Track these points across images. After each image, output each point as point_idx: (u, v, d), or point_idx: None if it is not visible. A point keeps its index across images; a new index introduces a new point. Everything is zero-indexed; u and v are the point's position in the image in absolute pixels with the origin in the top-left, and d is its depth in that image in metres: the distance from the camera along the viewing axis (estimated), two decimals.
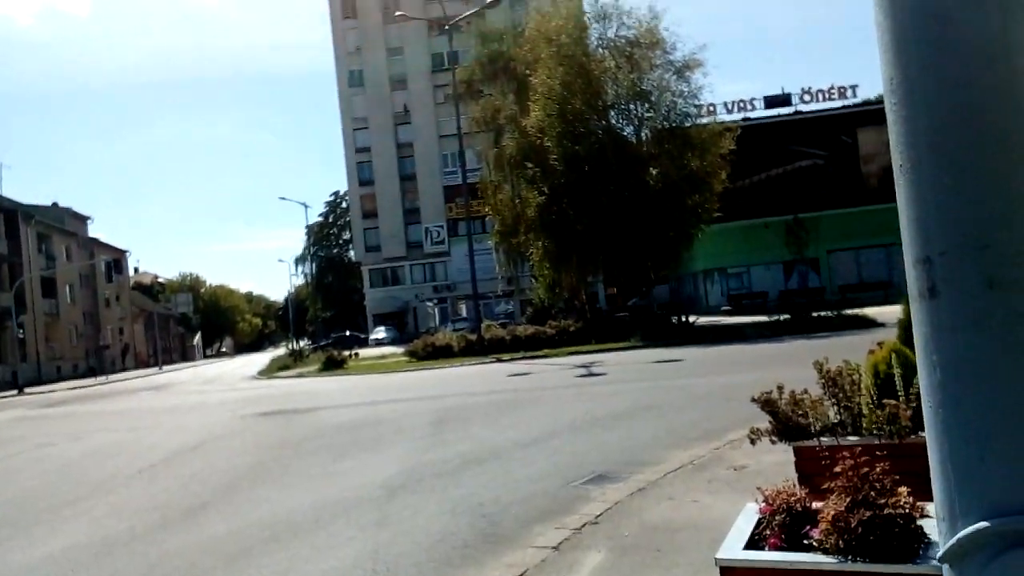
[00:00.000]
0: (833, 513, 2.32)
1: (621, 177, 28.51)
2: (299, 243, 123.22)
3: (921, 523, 2.30)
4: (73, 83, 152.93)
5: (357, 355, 35.78)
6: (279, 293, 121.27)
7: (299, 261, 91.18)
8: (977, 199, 1.12)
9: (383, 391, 18.02)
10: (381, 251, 70.01)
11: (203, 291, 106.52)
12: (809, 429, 3.53)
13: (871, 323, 21.88)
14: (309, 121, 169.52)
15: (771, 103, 44.52)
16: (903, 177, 1.19)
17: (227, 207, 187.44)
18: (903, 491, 2.40)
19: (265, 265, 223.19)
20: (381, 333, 61.29)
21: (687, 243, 30.78)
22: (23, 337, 48.02)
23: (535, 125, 29.96)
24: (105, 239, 72.72)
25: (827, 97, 44.47)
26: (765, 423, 3.76)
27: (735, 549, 2.40)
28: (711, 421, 8.74)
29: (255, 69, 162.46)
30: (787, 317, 25.47)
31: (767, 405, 3.64)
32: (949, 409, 1.18)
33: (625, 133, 31.47)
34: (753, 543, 2.44)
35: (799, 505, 2.51)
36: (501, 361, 24.31)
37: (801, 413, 3.56)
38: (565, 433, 9.12)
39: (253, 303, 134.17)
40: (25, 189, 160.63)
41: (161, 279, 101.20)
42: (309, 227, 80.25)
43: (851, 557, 2.24)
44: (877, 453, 2.57)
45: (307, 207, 75.80)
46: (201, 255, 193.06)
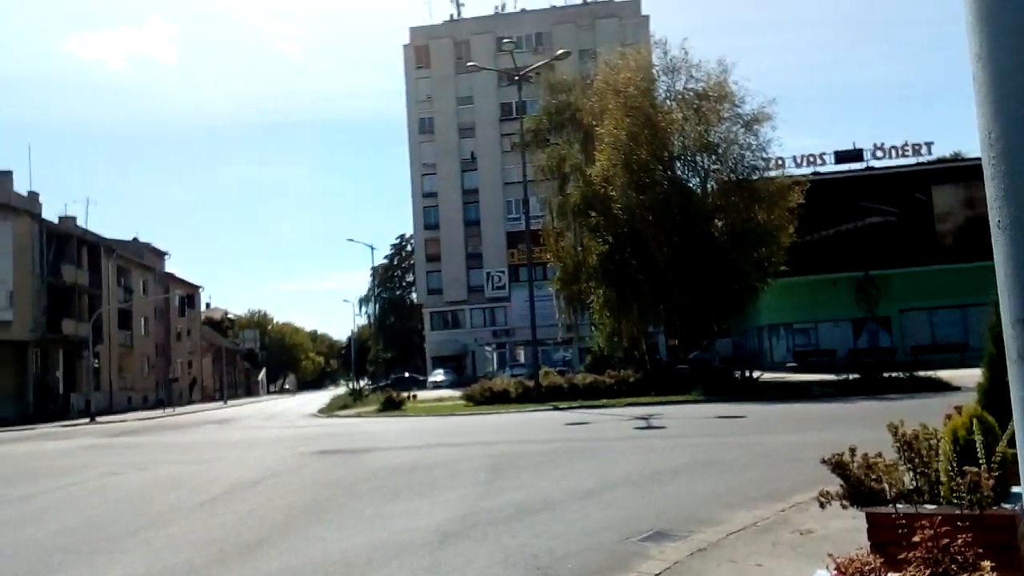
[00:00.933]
0: None
1: (685, 228, 28.33)
2: (364, 284, 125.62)
3: None
4: (158, 125, 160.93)
5: (415, 397, 35.95)
6: (342, 332, 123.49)
7: (363, 302, 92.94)
8: None
9: (439, 434, 18.01)
10: (443, 294, 70.81)
11: (270, 328, 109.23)
12: (883, 495, 3.37)
13: (945, 386, 20.99)
14: (379, 166, 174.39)
15: (842, 158, 43.78)
16: (1002, 235, 1.13)
17: (296, 247, 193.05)
18: (986, 565, 2.26)
19: (330, 305, 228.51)
20: (439, 376, 61.58)
21: (752, 296, 30.22)
22: (98, 367, 49.89)
23: (600, 174, 30.11)
24: (180, 274, 75.56)
25: (900, 153, 43.51)
26: (835, 486, 3.61)
27: None
28: (775, 481, 8.44)
29: (329, 115, 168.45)
30: (856, 376, 24.63)
31: (838, 468, 3.50)
32: None
33: (691, 184, 31.33)
34: None
35: (873, 575, 2.38)
36: (558, 409, 24.08)
37: (875, 477, 3.40)
38: (622, 486, 8.92)
39: (317, 341, 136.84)
40: (108, 224, 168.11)
41: (231, 315, 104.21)
42: (374, 269, 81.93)
43: None
44: (958, 524, 2.42)
45: (373, 249, 77.79)
46: (270, 293, 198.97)
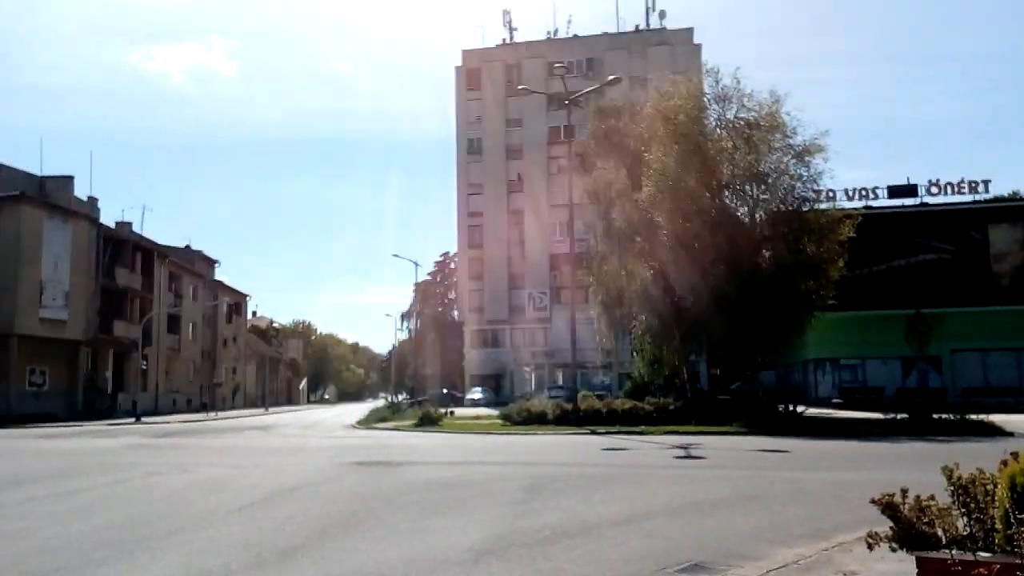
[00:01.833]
0: None
1: (732, 257, 27.98)
2: (406, 300, 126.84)
3: None
4: (214, 138, 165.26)
5: (452, 413, 36.02)
6: (383, 346, 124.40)
7: (405, 317, 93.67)
8: None
9: (476, 452, 18.00)
10: (484, 313, 71.02)
11: (313, 338, 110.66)
12: (935, 539, 3.27)
13: (998, 431, 20.30)
14: (427, 185, 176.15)
15: (895, 192, 43.02)
16: None
17: (342, 261, 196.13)
18: None
19: (372, 318, 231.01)
20: (477, 394, 61.64)
21: (798, 329, 29.64)
22: (146, 369, 51.06)
23: (647, 200, 29.97)
24: (229, 282, 77.17)
25: (956, 190, 42.59)
26: (884, 527, 3.52)
27: None
28: (818, 519, 8.23)
29: (380, 134, 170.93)
30: (904, 416, 23.96)
31: (888, 509, 3.41)
32: None
33: (739, 214, 30.99)
34: None
35: None
36: (596, 434, 23.87)
37: (927, 521, 3.31)
38: (660, 515, 8.79)
39: (358, 354, 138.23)
40: (163, 231, 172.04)
41: (276, 324, 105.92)
42: (417, 285, 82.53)
43: None
44: (1018, 573, 2.34)
45: (417, 265, 78.07)
46: (314, 304, 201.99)
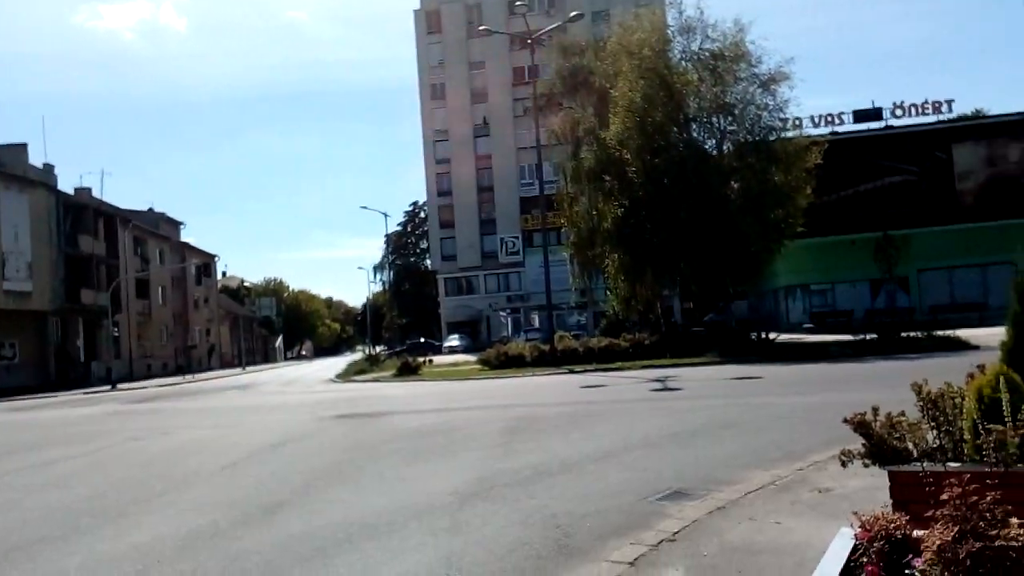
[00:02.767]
0: (939, 543, 2.17)
1: (701, 190, 28.01)
2: (378, 252, 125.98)
3: None
4: (171, 96, 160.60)
5: (431, 362, 36.18)
6: (358, 299, 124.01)
7: (378, 269, 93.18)
8: None
9: (455, 398, 18.14)
10: (457, 260, 70.90)
11: (286, 295, 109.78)
12: (906, 453, 3.34)
13: (965, 345, 20.84)
14: (391, 133, 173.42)
15: (860, 117, 43.06)
16: None
17: (311, 216, 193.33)
18: (1014, 523, 2.22)
19: (345, 272, 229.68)
20: (454, 341, 61.90)
21: (768, 258, 29.98)
22: (117, 335, 50.46)
23: (614, 138, 29.78)
24: (196, 244, 75.91)
25: (920, 112, 42.74)
26: (856, 445, 3.58)
27: (831, 575, 2.27)
28: (793, 442, 8.43)
29: (342, 84, 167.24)
30: (874, 337, 24.52)
31: (860, 427, 3.46)
32: None
33: (707, 147, 30.95)
34: (848, 570, 2.30)
35: (899, 532, 2.36)
36: (574, 373, 24.17)
37: (898, 436, 3.36)
38: (639, 448, 8.95)
39: (332, 308, 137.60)
40: (124, 195, 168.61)
41: (247, 283, 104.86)
42: (388, 236, 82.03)
43: None
44: (987, 482, 2.39)
45: (387, 216, 77.50)
46: (285, 261, 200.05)
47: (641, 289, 31.52)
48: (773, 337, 28.60)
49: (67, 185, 51.45)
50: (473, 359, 37.57)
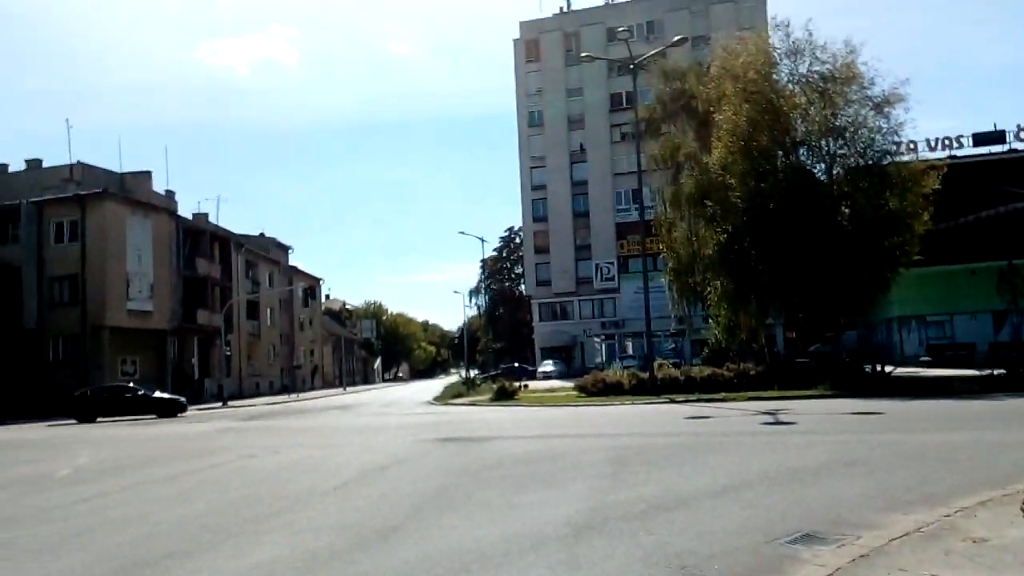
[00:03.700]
0: None
1: (809, 216, 26.99)
2: (473, 276, 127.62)
3: None
4: (280, 126, 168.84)
5: (527, 386, 36.13)
6: (452, 323, 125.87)
7: (473, 293, 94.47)
8: None
9: (555, 425, 17.94)
10: (551, 286, 70.88)
11: (384, 318, 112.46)
12: None
13: None
14: (489, 160, 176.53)
15: (981, 140, 40.82)
16: None
17: (410, 241, 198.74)
18: None
19: (440, 296, 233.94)
20: (548, 366, 61.70)
21: (882, 287, 28.48)
22: (229, 354, 52.79)
23: (717, 162, 29.19)
24: (303, 267, 78.87)
25: None
26: (1014, 489, 3.23)
27: None
28: (930, 484, 7.84)
29: (443, 112, 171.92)
30: (1001, 372, 22.87)
31: None
32: None
33: (815, 171, 29.83)
34: None
35: None
36: (675, 402, 23.56)
37: None
38: (758, 484, 8.52)
39: (428, 331, 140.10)
40: (237, 220, 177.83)
41: (348, 306, 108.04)
42: (484, 261, 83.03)
43: None
44: None
45: (484, 241, 78.70)
46: (384, 285, 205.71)
47: (744, 317, 30.56)
48: (889, 370, 27.13)
49: (186, 211, 54.70)
50: (568, 385, 37.27)
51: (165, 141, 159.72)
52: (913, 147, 33.88)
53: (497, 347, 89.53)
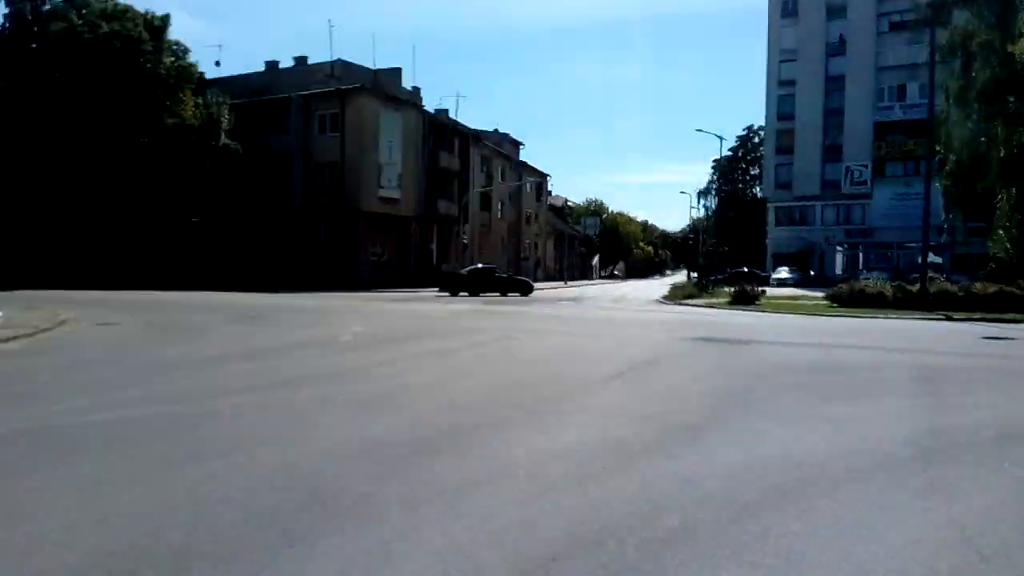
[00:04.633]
0: None
1: None
2: (701, 178, 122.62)
3: None
4: (510, 28, 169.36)
5: (764, 292, 34.21)
6: (672, 224, 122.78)
7: (702, 195, 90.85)
8: None
9: (819, 333, 16.55)
10: (792, 189, 66.21)
11: (604, 217, 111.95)
12: None
13: None
14: (727, 58, 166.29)
15: None
16: None
17: (631, 141, 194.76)
18: None
19: (663, 197, 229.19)
20: (784, 273, 58.46)
21: None
22: (467, 243, 55.31)
23: (1022, 52, 24.73)
24: (531, 163, 79.87)
25: None
26: None
27: None
28: None
29: (677, 8, 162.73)
30: None
31: None
32: None
33: None
34: None
35: None
36: (952, 319, 21.01)
37: None
38: None
39: (647, 231, 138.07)
40: (473, 117, 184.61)
41: (570, 203, 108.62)
42: (716, 161, 79.07)
43: None
44: None
45: (722, 139, 74.66)
46: (606, 184, 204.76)
47: None
48: None
49: (430, 107, 56.69)
50: (810, 293, 34.90)
51: (413, 42, 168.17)
52: None
53: (724, 250, 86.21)
